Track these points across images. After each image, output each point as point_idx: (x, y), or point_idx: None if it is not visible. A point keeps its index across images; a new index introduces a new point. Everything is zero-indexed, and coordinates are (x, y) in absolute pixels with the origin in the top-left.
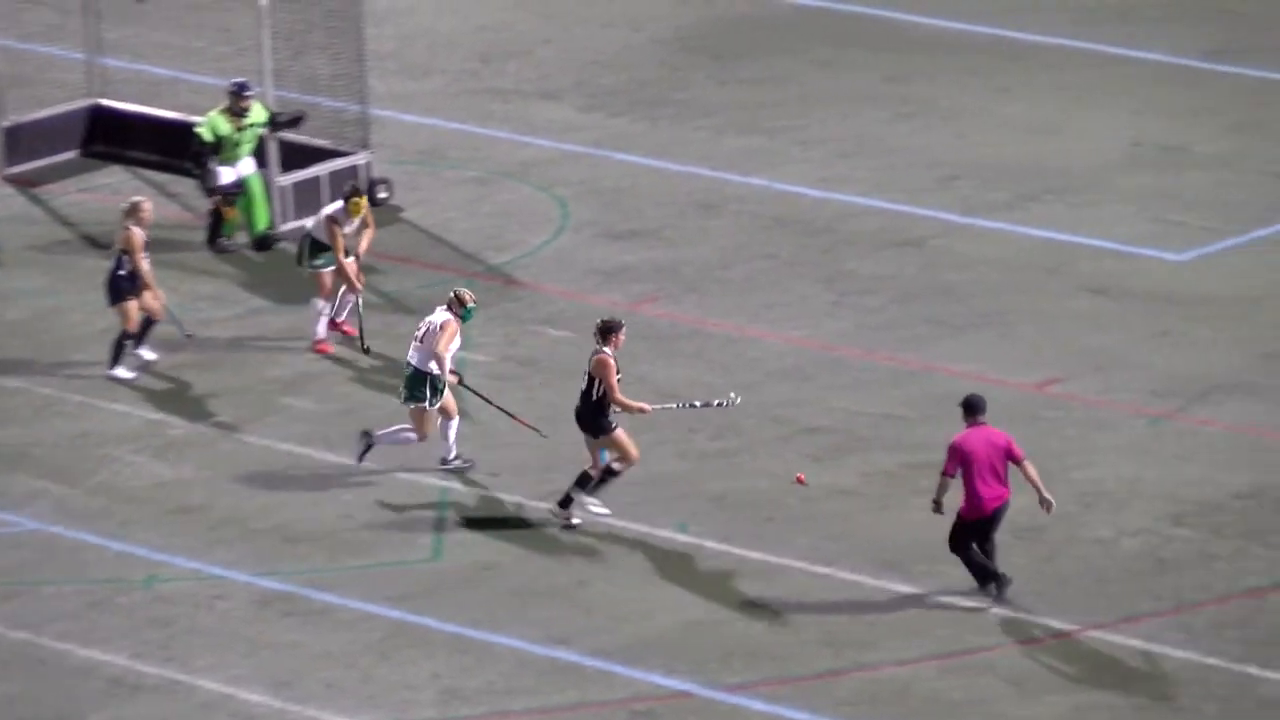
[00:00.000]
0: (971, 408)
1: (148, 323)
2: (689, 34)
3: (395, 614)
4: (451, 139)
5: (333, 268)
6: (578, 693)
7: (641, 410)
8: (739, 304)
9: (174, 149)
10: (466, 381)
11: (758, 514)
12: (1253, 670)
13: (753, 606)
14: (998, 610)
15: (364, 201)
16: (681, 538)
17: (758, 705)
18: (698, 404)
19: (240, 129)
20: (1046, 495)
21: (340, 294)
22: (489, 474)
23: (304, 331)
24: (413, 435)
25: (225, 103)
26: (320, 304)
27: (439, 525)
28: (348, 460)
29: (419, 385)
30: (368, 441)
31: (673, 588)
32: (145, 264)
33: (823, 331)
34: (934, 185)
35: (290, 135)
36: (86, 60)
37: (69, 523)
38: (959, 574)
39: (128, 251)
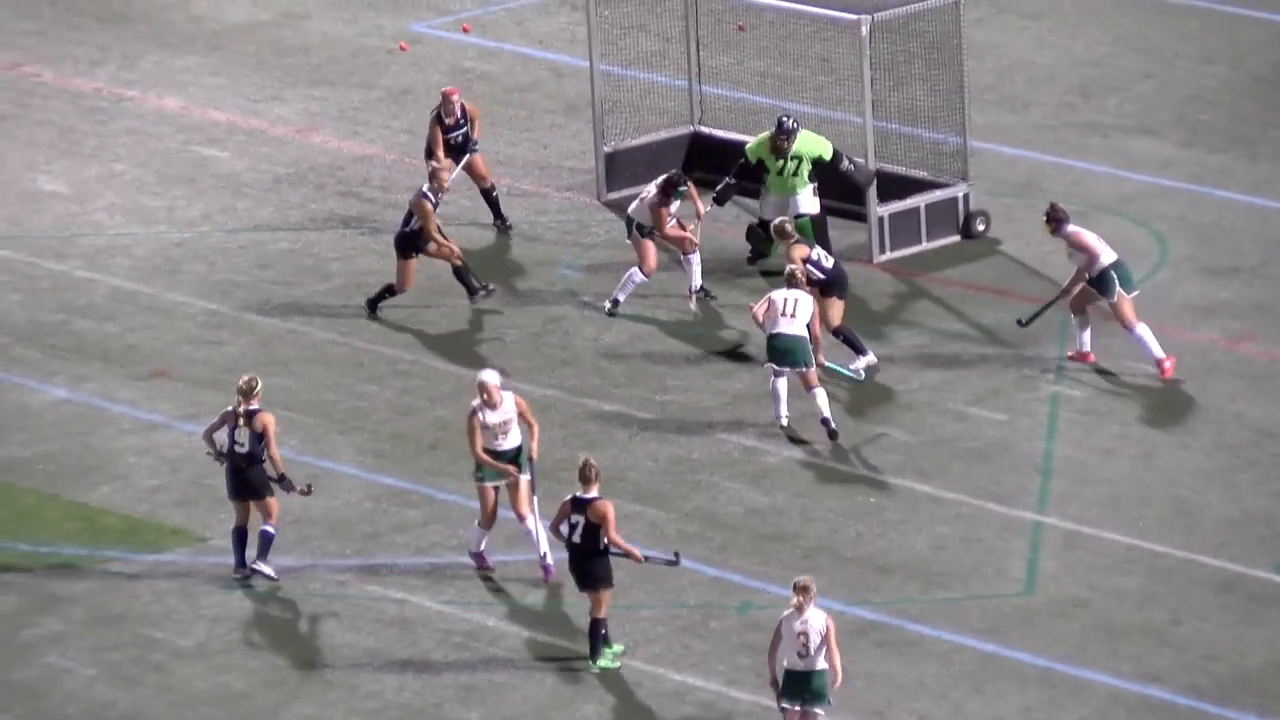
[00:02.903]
0: None
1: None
2: None
3: (987, 647)
4: (1049, 172)
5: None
6: None
7: None
8: None
9: None
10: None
11: None
12: None
13: None
14: None
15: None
16: (1278, 579)
17: None
18: None
19: (780, 160)
20: None
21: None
22: (1084, 508)
23: (900, 363)
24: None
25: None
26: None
27: (1032, 558)
28: (942, 491)
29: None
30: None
31: (1267, 628)
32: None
33: None
34: None
35: (890, 167)
36: (687, 88)
37: (663, 548)
38: None
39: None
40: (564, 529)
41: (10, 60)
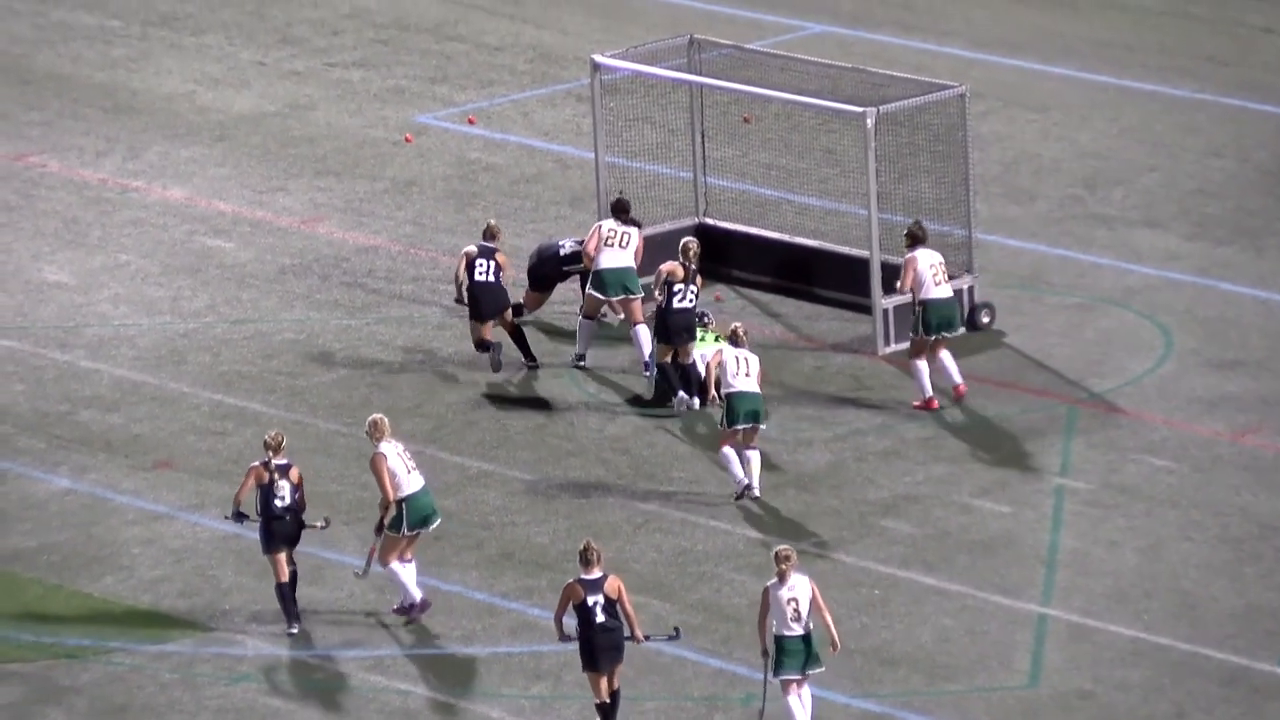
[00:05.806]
0: None
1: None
2: None
3: None
4: (1054, 264)
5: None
6: None
7: None
8: None
9: (777, 269)
10: None
11: None
12: None
13: None
14: None
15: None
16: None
17: None
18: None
19: None
20: None
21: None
22: (1088, 600)
23: (906, 456)
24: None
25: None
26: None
27: (1037, 651)
28: (947, 583)
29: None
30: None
31: None
32: None
33: None
34: None
35: (895, 259)
36: (692, 179)
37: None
38: None
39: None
40: (569, 616)
41: (16, 151)
